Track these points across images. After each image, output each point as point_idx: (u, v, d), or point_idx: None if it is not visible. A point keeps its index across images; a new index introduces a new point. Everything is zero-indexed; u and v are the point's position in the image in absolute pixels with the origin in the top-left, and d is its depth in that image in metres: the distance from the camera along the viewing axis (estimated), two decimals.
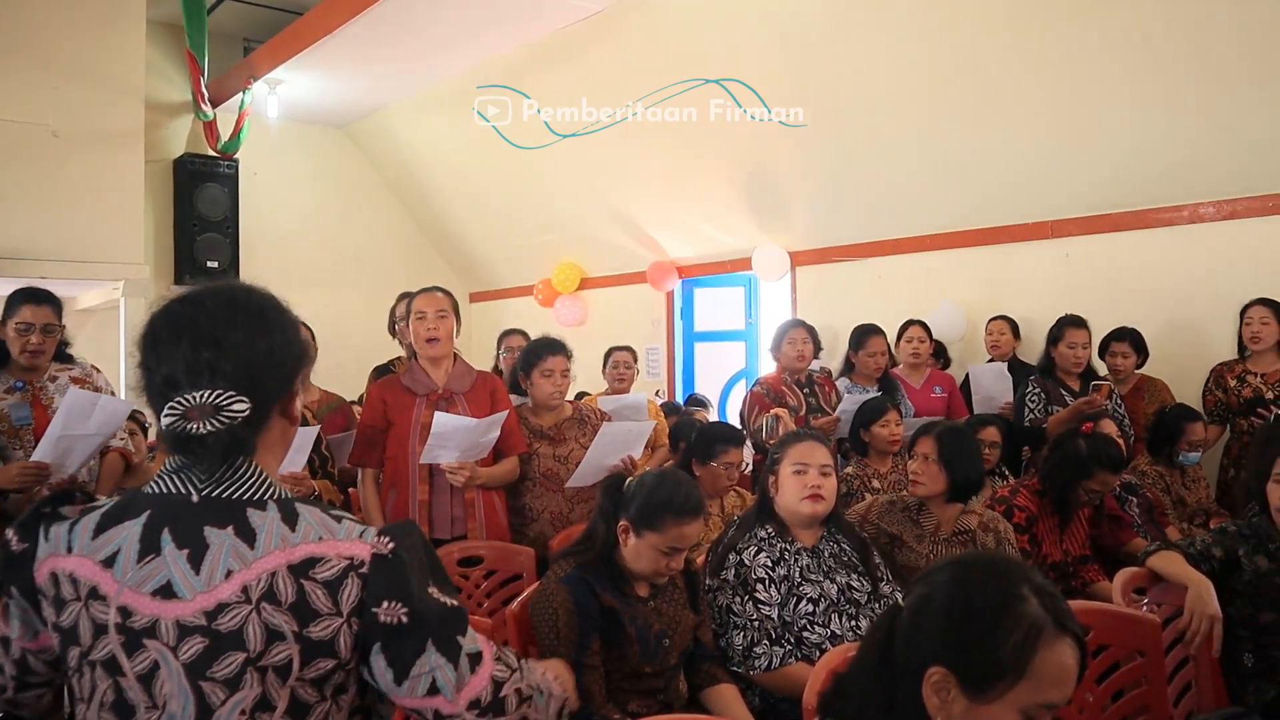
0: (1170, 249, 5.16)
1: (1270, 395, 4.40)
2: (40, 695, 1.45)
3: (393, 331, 4.76)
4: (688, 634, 2.55)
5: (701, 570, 2.80)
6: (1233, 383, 4.54)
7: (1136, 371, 4.86)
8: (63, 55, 6.70)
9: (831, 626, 2.67)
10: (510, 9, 6.52)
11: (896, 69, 5.63)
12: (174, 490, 1.29)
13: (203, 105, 8.12)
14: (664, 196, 7.52)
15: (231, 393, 1.26)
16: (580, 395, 5.83)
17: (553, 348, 3.83)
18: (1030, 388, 4.69)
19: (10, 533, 1.36)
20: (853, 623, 2.69)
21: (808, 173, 6.51)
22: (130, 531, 1.27)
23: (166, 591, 1.23)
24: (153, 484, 1.31)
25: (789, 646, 2.63)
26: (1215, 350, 4.82)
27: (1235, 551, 2.67)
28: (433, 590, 1.30)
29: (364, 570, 1.26)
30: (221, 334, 1.28)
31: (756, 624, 2.63)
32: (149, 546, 1.25)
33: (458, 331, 3.66)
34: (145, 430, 4.49)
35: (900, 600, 1.44)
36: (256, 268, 8.48)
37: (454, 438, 3.29)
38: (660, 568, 2.46)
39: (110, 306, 7.30)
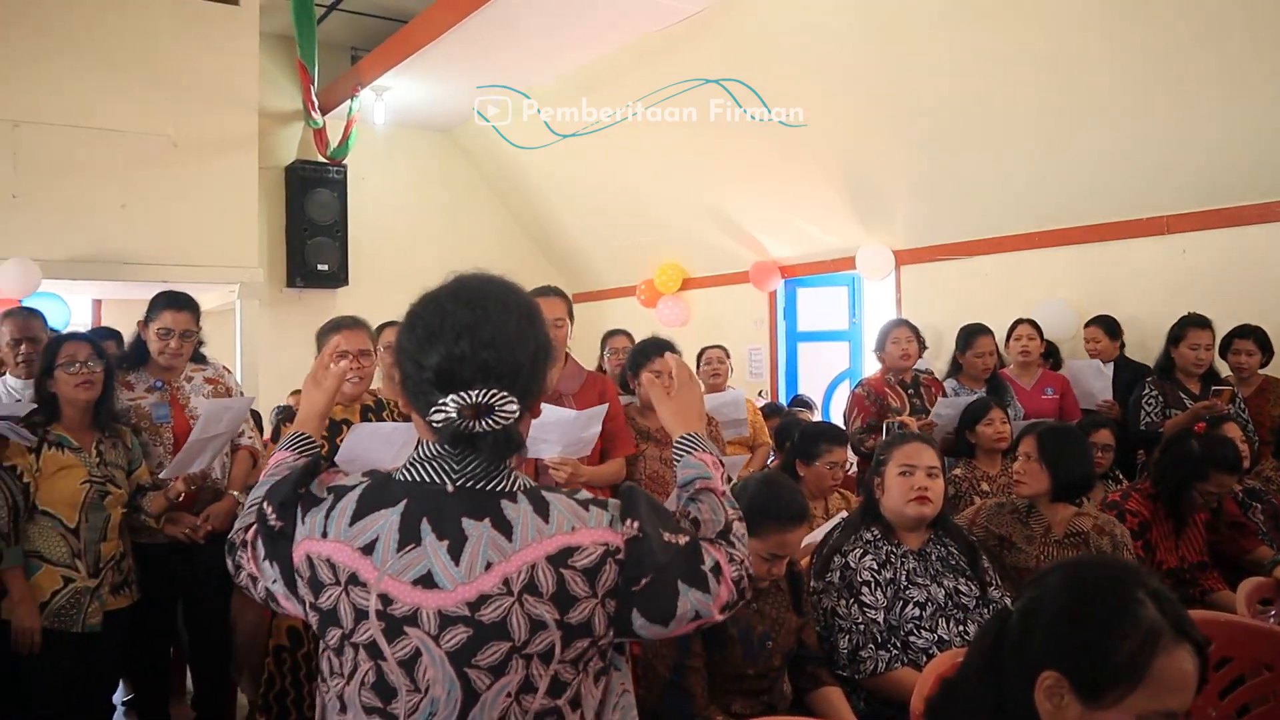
0: None
1: None
2: None
3: None
4: (791, 636, 2.54)
5: (806, 572, 2.79)
6: None
7: (1260, 372, 4.66)
8: (182, 69, 6.96)
9: (939, 631, 2.63)
10: (612, 11, 6.57)
11: (999, 62, 5.51)
12: (428, 479, 1.33)
13: (313, 113, 8.36)
14: (765, 196, 7.49)
15: (505, 393, 1.30)
16: None
17: (661, 348, 3.84)
18: (1147, 390, 4.54)
19: (268, 506, 1.42)
20: (960, 628, 2.65)
21: (911, 171, 6.42)
22: (389, 520, 1.31)
23: (427, 581, 1.27)
24: (405, 471, 1.35)
25: (895, 651, 2.60)
26: None
27: None
28: (667, 538, 1.34)
29: (620, 557, 1.30)
30: (500, 336, 1.32)
31: (862, 627, 2.62)
32: (409, 536, 1.29)
33: (570, 332, 3.66)
34: (261, 428, 4.67)
35: (1009, 604, 1.41)
36: (365, 270, 8.71)
37: (555, 430, 3.31)
38: (761, 573, 2.45)
39: (226, 309, 7.58)
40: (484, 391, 1.29)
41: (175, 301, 3.61)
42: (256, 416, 4.63)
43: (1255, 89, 4.72)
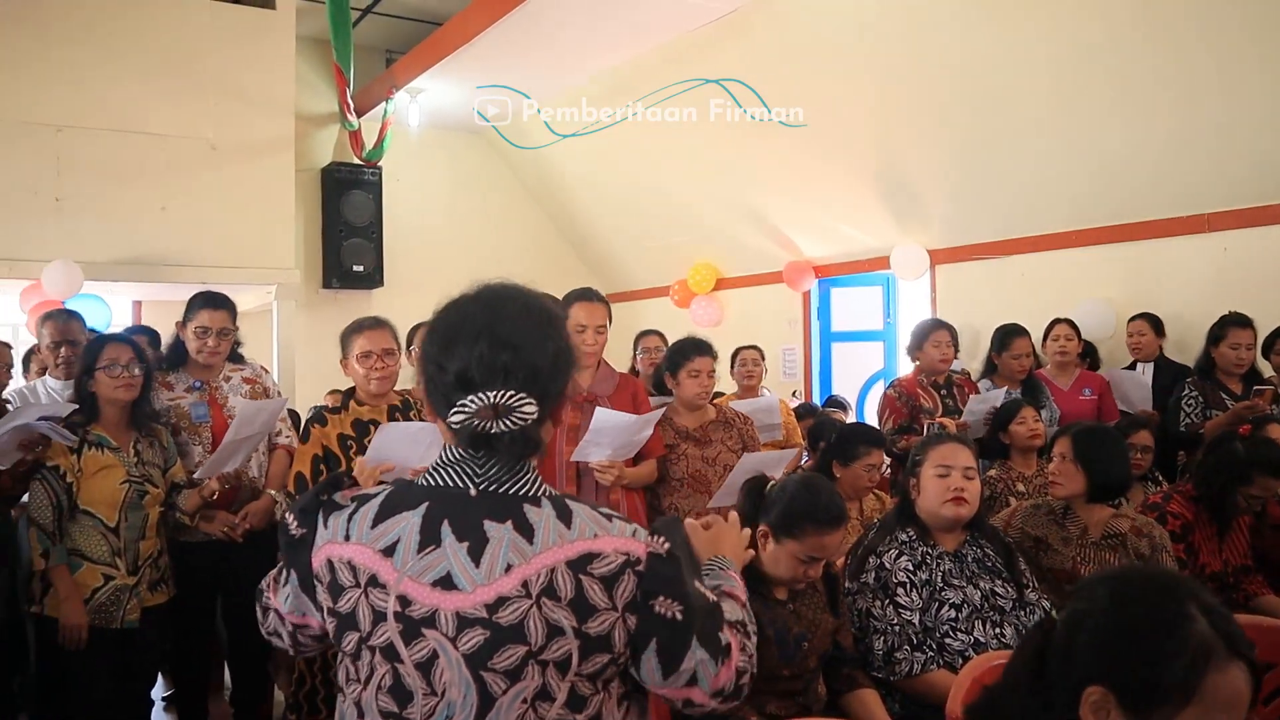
0: None
1: None
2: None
3: None
4: (827, 637, 2.53)
5: (841, 573, 2.78)
6: None
7: None
8: (220, 74, 7.03)
9: (975, 633, 2.61)
10: (643, 13, 6.57)
11: (1035, 59, 5.46)
12: (451, 483, 1.33)
13: (348, 115, 8.42)
14: (799, 196, 7.47)
15: (523, 395, 1.30)
16: (715, 396, 5.82)
17: (700, 349, 3.87)
18: (1187, 390, 4.48)
19: (290, 517, 1.45)
20: (997, 630, 2.63)
21: (946, 169, 6.37)
22: (410, 522, 1.32)
23: (446, 583, 1.27)
24: (428, 476, 1.36)
25: (931, 653, 2.58)
26: None
27: None
28: (698, 586, 1.33)
29: (640, 568, 1.29)
30: (518, 338, 1.32)
31: (897, 629, 2.60)
32: (429, 538, 1.30)
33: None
34: (298, 428, 4.70)
35: (1054, 613, 1.38)
36: (400, 271, 8.77)
37: (610, 434, 3.32)
38: (798, 574, 2.44)
39: (263, 309, 7.65)
40: (502, 393, 1.29)
41: (212, 301, 3.67)
42: (295, 416, 4.68)
43: None
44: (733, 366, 5.61)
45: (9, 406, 3.45)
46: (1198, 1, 4.74)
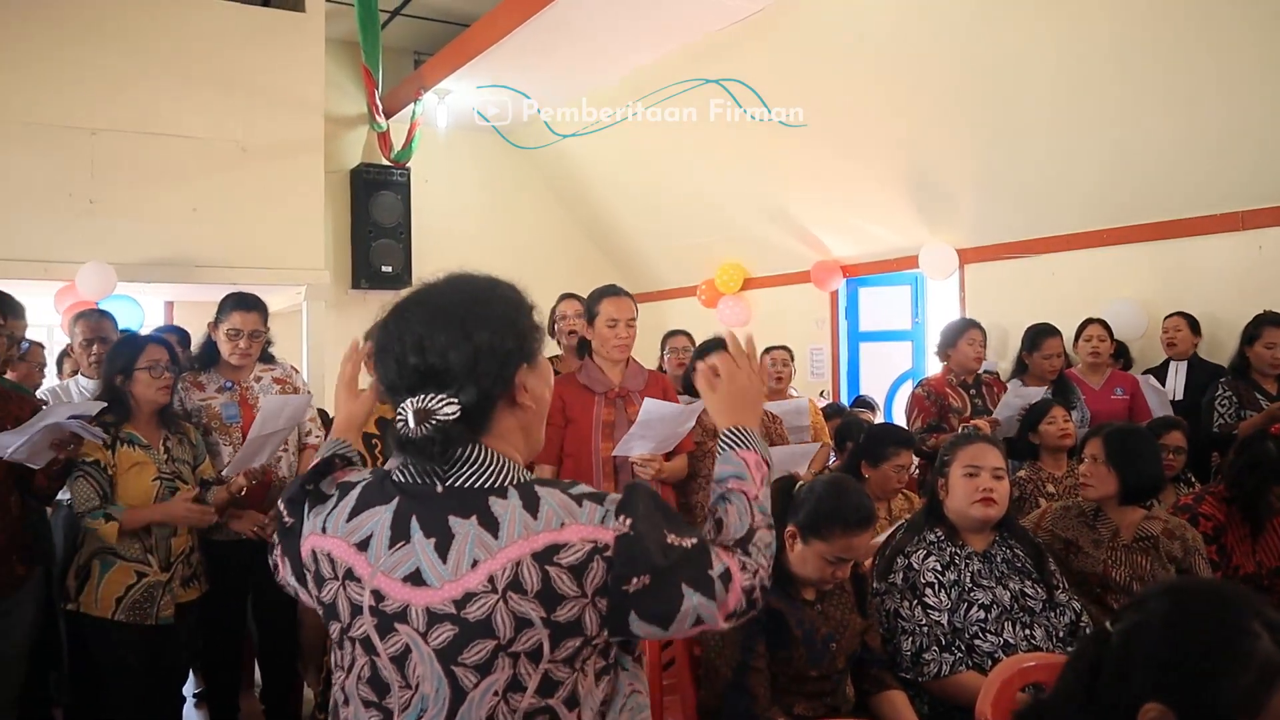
0: None
1: None
2: None
3: (552, 331, 4.74)
4: (855, 638, 2.52)
5: (869, 574, 2.76)
6: None
7: None
8: (250, 76, 7.09)
9: (1004, 635, 2.60)
10: (671, 13, 6.57)
11: (1064, 56, 5.40)
12: (420, 480, 1.35)
13: (377, 117, 8.47)
14: (826, 195, 7.43)
15: (441, 396, 1.31)
16: None
17: (725, 347, 3.84)
18: (1221, 390, 4.43)
19: (281, 505, 1.49)
20: (1027, 631, 2.61)
21: (975, 168, 6.32)
22: (382, 518, 1.34)
23: (416, 579, 1.29)
24: (400, 471, 1.38)
25: (960, 654, 2.57)
26: None
27: None
28: (671, 540, 1.31)
29: (609, 554, 1.28)
30: (426, 340, 1.33)
31: (925, 630, 2.59)
32: (399, 533, 1.32)
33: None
34: (328, 427, 4.73)
35: (1108, 625, 1.35)
36: (428, 271, 8.71)
37: (655, 426, 3.32)
38: (826, 575, 2.44)
39: (294, 310, 7.70)
40: (421, 397, 1.31)
41: (243, 303, 3.70)
42: (324, 415, 4.70)
43: None
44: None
45: (43, 405, 3.49)
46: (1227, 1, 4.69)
